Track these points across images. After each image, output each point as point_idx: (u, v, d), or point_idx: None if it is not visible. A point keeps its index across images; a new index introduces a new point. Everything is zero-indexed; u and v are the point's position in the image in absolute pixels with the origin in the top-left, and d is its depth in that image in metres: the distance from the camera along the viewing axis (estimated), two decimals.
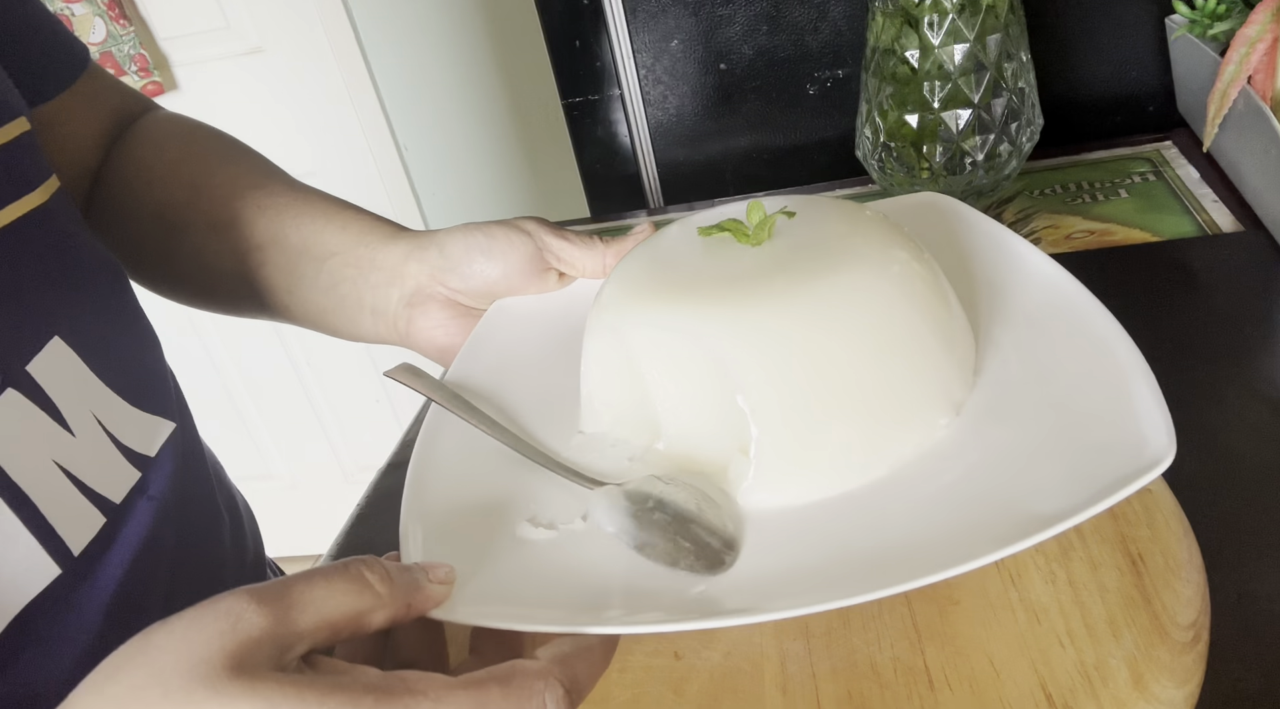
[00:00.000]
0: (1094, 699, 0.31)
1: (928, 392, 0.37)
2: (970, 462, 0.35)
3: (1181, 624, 0.33)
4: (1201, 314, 0.57)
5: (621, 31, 0.87)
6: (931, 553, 0.30)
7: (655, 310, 0.38)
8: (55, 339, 0.41)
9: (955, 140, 0.71)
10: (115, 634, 0.42)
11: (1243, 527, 0.41)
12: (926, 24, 0.68)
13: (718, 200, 0.89)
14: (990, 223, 0.48)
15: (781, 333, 0.36)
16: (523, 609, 0.32)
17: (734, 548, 0.34)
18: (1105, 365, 0.36)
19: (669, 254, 0.42)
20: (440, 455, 0.41)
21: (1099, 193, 0.73)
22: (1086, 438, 0.33)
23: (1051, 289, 0.42)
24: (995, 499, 0.32)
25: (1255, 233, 0.63)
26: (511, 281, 0.51)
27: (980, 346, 0.41)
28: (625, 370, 0.40)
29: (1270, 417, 0.47)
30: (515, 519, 0.37)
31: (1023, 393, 0.38)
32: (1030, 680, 0.32)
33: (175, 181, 0.55)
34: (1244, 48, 0.62)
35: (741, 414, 0.36)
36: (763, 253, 0.39)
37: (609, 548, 0.35)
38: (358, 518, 0.56)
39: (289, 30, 1.60)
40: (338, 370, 1.93)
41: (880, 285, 0.38)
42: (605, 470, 0.39)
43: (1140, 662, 0.32)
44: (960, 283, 0.43)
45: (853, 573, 0.30)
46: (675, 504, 0.35)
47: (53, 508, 0.39)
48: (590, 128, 0.94)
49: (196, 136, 0.58)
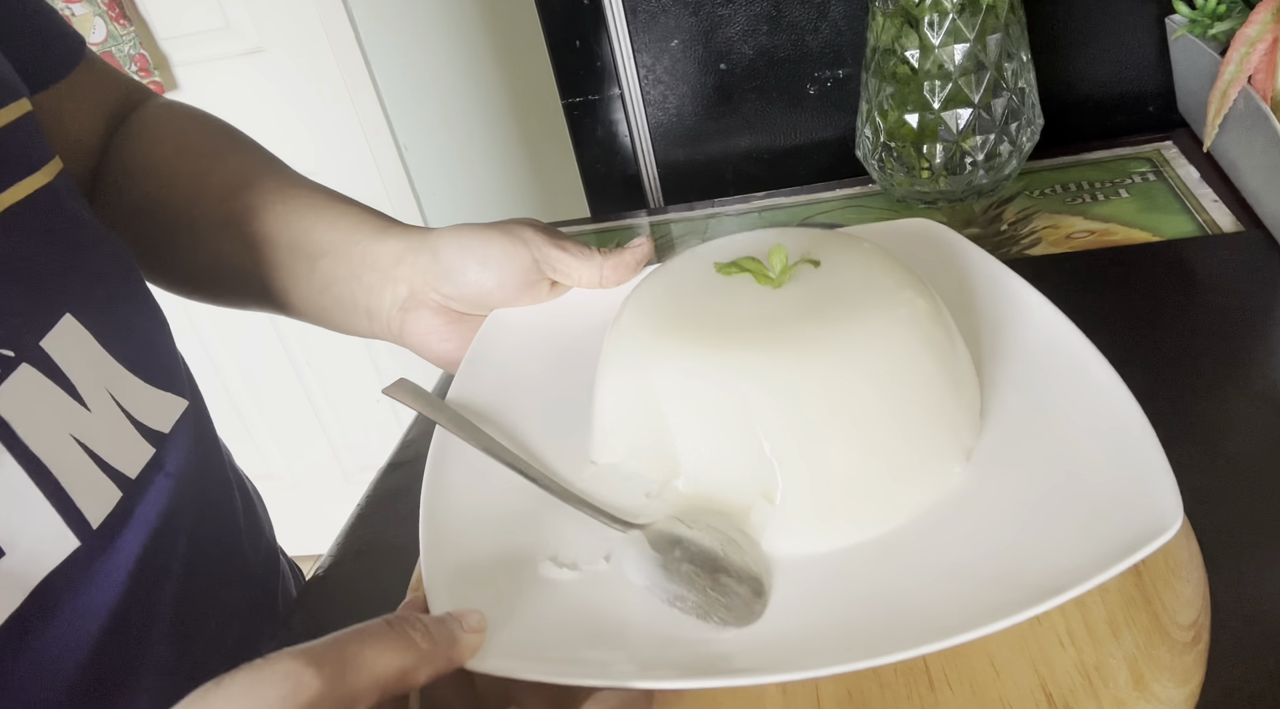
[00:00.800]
0: (1094, 699, 0.31)
1: (943, 439, 0.38)
2: (983, 513, 0.36)
3: (1182, 624, 0.33)
4: (1201, 314, 0.57)
5: (621, 31, 0.87)
6: (953, 614, 0.31)
7: (681, 353, 0.38)
8: (67, 316, 0.41)
9: (955, 140, 0.71)
10: (134, 608, 0.43)
11: (1243, 526, 0.41)
12: (927, 24, 0.68)
13: (718, 200, 0.89)
14: (981, 254, 0.49)
15: (809, 381, 0.36)
16: (557, 662, 0.32)
17: (762, 596, 0.34)
18: (1105, 411, 0.37)
19: (686, 289, 0.42)
20: (451, 484, 0.41)
21: (1099, 193, 0.73)
22: (1095, 494, 0.34)
23: (1043, 326, 0.43)
24: (1010, 558, 0.33)
25: (1255, 233, 0.63)
26: (506, 292, 0.50)
27: (981, 382, 0.42)
28: (645, 407, 0.40)
29: (1270, 417, 0.47)
30: (537, 557, 0.38)
31: (1028, 441, 0.38)
32: (1030, 680, 0.32)
33: (171, 178, 0.55)
34: (1244, 47, 0.62)
35: (768, 462, 0.36)
36: (785, 296, 0.39)
37: (634, 590, 0.36)
38: (358, 518, 0.56)
39: (289, 30, 1.60)
40: (338, 370, 1.93)
41: (902, 332, 0.38)
42: (623, 506, 0.39)
43: (1141, 661, 0.32)
44: (958, 316, 0.43)
45: (882, 632, 0.31)
46: (702, 551, 0.36)
47: (72, 481, 0.39)
48: (590, 128, 0.94)
49: (192, 129, 0.57)
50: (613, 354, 0.42)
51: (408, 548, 0.46)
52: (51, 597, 0.39)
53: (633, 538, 0.37)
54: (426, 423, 0.62)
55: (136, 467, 0.43)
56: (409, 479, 0.59)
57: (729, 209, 0.86)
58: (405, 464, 0.60)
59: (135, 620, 0.43)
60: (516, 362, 0.50)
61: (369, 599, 0.49)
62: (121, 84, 0.59)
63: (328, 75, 1.63)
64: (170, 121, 0.57)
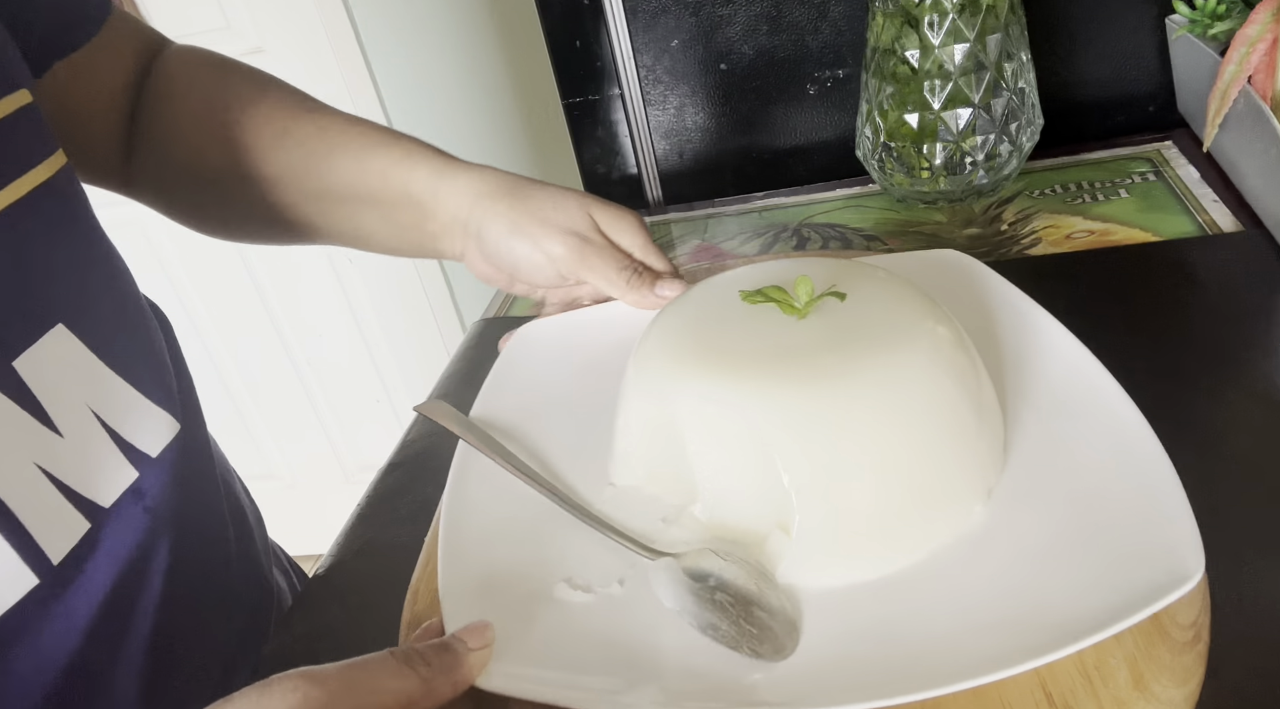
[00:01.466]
0: (1094, 699, 0.31)
1: (964, 477, 0.38)
2: (1001, 554, 0.36)
3: (1182, 624, 0.33)
4: (1201, 314, 0.57)
5: (622, 31, 0.87)
6: (970, 656, 0.31)
7: (702, 382, 0.39)
8: (59, 326, 0.40)
9: (955, 140, 0.71)
10: (99, 650, 0.40)
11: (1243, 526, 0.41)
12: (927, 24, 0.68)
13: (718, 200, 0.89)
14: (1008, 287, 0.48)
15: (830, 416, 0.36)
16: (562, 685, 0.33)
17: (795, 632, 0.34)
18: (1130, 455, 0.37)
19: (710, 316, 0.42)
20: (472, 499, 0.42)
21: (1099, 193, 0.73)
22: (1115, 541, 0.34)
23: (1071, 364, 0.43)
24: (1028, 601, 0.33)
25: (1255, 233, 0.63)
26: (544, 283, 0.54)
27: (1006, 421, 0.42)
28: (665, 433, 0.40)
29: (1270, 416, 0.47)
30: (553, 578, 0.38)
31: (1050, 481, 0.38)
32: (1030, 680, 0.32)
33: (203, 135, 0.55)
34: (1244, 47, 0.62)
35: (786, 493, 0.36)
36: (809, 327, 0.40)
37: (647, 617, 0.36)
38: (358, 518, 0.56)
39: (289, 30, 1.60)
40: (338, 370, 1.93)
41: (925, 369, 0.38)
42: (639, 529, 0.40)
43: (1140, 661, 0.32)
44: (982, 351, 0.43)
45: (899, 671, 0.31)
46: (736, 585, 0.36)
47: (31, 514, 0.37)
48: (590, 128, 0.94)
49: (217, 80, 0.57)
50: (635, 378, 0.42)
51: (408, 547, 0.46)
52: (10, 636, 0.36)
53: (665, 564, 0.37)
54: (427, 424, 0.62)
55: (112, 494, 0.41)
56: (409, 479, 0.59)
57: (729, 209, 0.86)
58: (405, 464, 0.60)
59: (100, 663, 0.40)
60: (542, 377, 0.50)
61: (369, 599, 0.49)
62: (142, 34, 0.59)
63: (328, 75, 1.63)
64: (194, 73, 0.57)
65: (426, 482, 0.57)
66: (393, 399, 1.97)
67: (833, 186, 0.85)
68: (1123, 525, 0.34)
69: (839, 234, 0.76)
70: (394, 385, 1.95)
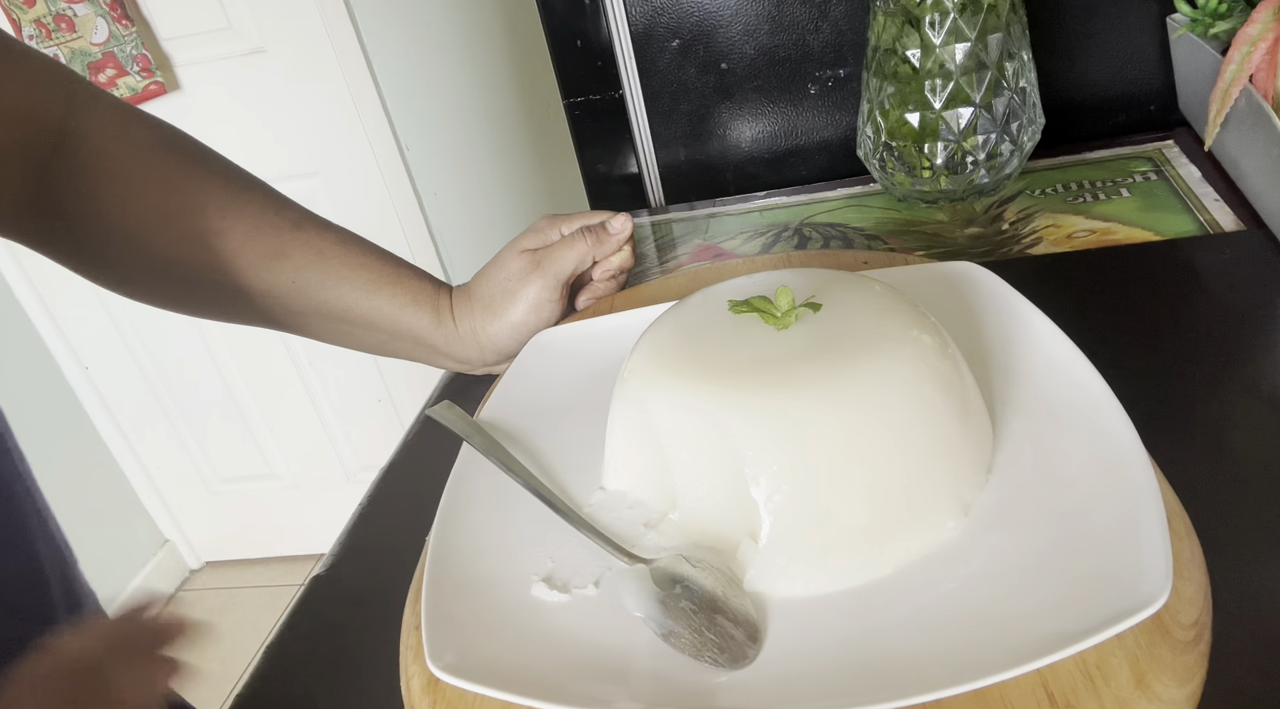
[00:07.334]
0: (1096, 698, 0.31)
1: (939, 492, 0.38)
2: (972, 571, 0.36)
3: (1184, 623, 0.33)
4: (1202, 313, 0.57)
5: (623, 31, 0.87)
6: (930, 670, 0.31)
7: (678, 389, 0.39)
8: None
9: (956, 140, 0.71)
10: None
11: (1244, 525, 0.41)
12: (928, 23, 0.68)
13: (719, 200, 0.89)
14: (1021, 300, 0.48)
15: (801, 427, 0.37)
16: (521, 684, 0.33)
17: (757, 641, 0.34)
18: (1118, 476, 0.37)
19: (696, 326, 0.43)
20: (469, 497, 0.44)
21: (1100, 192, 0.73)
22: (1086, 562, 0.34)
23: (1073, 382, 0.42)
24: (990, 618, 0.33)
25: (1257, 232, 0.63)
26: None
27: (997, 436, 0.41)
28: (648, 439, 0.41)
29: (1271, 416, 0.47)
30: (532, 576, 0.39)
31: (1031, 500, 0.38)
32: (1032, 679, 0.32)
33: (172, 232, 0.52)
34: (1245, 47, 0.62)
35: (754, 503, 0.36)
36: (789, 338, 0.40)
37: (617, 620, 0.36)
38: (360, 518, 0.56)
39: (291, 30, 1.60)
40: (340, 370, 1.93)
41: (904, 382, 0.38)
42: (621, 533, 0.40)
43: (1142, 661, 0.32)
44: (986, 364, 0.43)
45: (861, 682, 0.32)
46: (702, 590, 0.36)
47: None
48: (591, 127, 0.94)
49: (182, 175, 0.53)
50: (621, 385, 0.43)
51: (409, 548, 0.46)
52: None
53: (636, 570, 0.37)
54: (429, 424, 0.62)
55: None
56: (411, 479, 0.59)
57: (730, 208, 0.86)
58: (407, 464, 0.60)
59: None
60: (552, 383, 0.52)
61: (370, 599, 0.49)
62: (35, 86, 0.50)
63: (329, 75, 1.63)
64: (148, 166, 0.52)
65: (428, 482, 0.57)
66: (395, 399, 1.97)
67: (834, 186, 0.85)
68: (1095, 547, 0.34)
69: (840, 233, 0.76)
70: (396, 386, 1.95)
